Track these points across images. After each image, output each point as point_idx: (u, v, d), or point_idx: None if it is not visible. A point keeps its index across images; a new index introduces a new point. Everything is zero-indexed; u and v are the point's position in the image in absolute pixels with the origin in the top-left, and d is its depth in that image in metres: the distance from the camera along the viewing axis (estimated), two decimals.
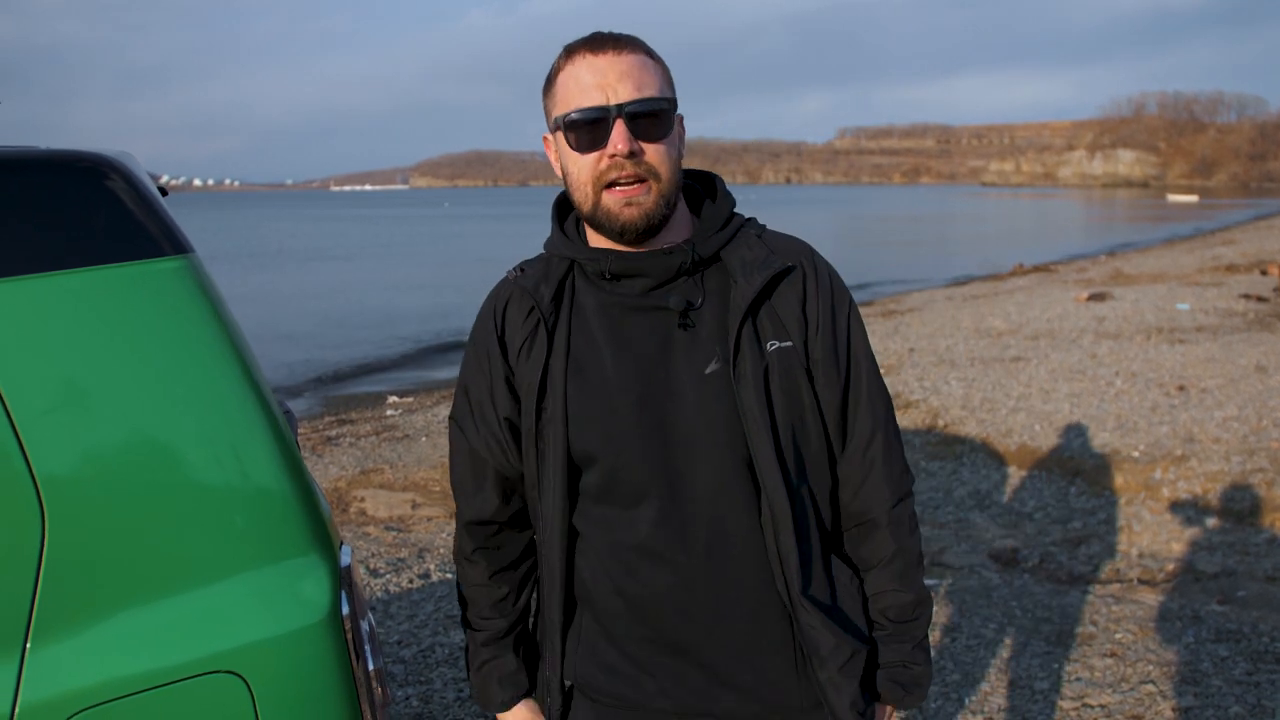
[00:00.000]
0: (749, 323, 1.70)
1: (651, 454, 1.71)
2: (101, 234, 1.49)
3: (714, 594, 1.74)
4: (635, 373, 1.72)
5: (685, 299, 1.72)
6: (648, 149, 1.64)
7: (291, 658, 1.54)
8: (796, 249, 1.80)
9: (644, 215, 1.66)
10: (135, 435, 1.48)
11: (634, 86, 1.63)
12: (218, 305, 1.58)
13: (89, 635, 1.43)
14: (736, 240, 1.75)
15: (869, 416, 1.81)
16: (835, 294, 1.79)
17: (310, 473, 1.70)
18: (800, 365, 1.73)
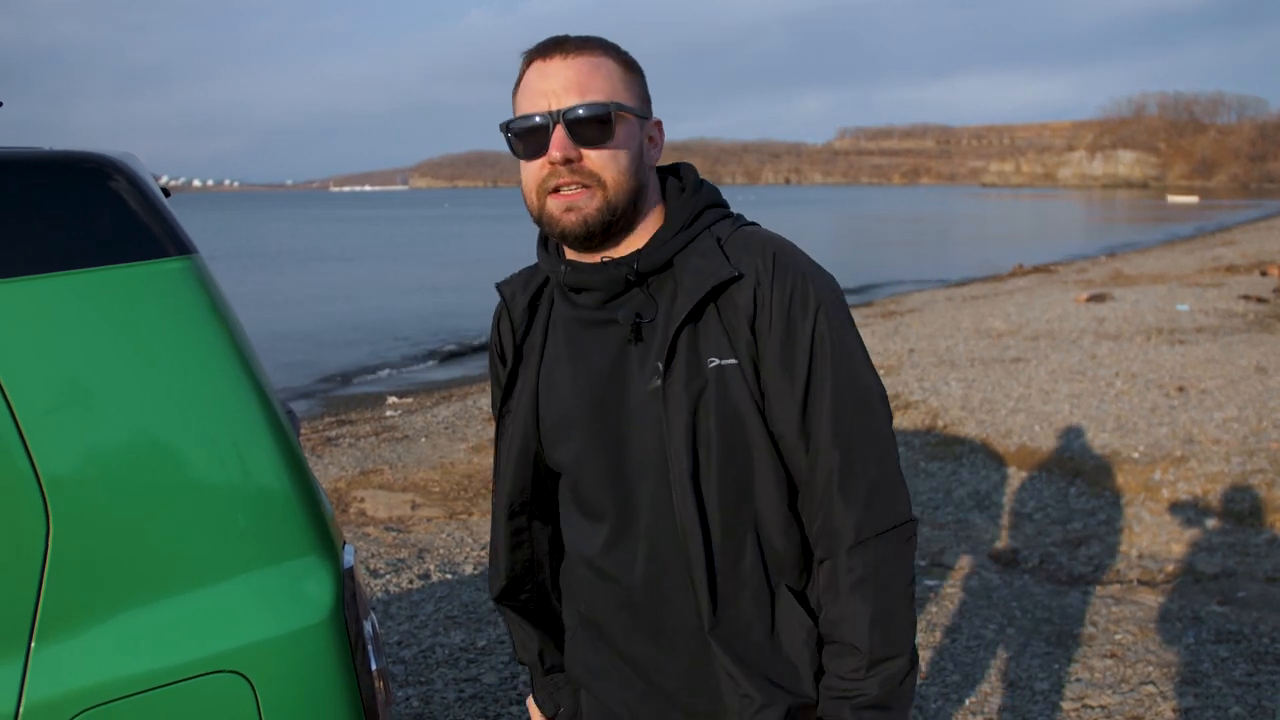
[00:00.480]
0: (688, 338, 1.62)
1: (605, 473, 1.70)
2: (105, 235, 1.49)
3: (657, 621, 1.70)
4: (589, 388, 1.69)
5: (635, 312, 1.66)
6: (590, 155, 1.61)
7: (295, 657, 1.54)
8: (756, 253, 1.64)
9: (582, 221, 1.62)
10: (139, 435, 1.48)
11: (577, 92, 1.60)
12: (221, 306, 1.58)
13: (93, 635, 1.43)
14: (691, 248, 1.67)
15: (831, 438, 1.61)
16: (796, 300, 1.61)
17: (312, 472, 1.70)
18: (744, 384, 1.61)
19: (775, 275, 1.62)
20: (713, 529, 1.63)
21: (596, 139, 1.60)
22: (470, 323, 21.59)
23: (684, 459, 1.60)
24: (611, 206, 1.62)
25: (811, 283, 1.63)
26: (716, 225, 1.70)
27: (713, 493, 1.62)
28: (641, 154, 1.67)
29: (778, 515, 1.65)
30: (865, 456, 1.62)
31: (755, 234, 1.70)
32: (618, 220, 1.64)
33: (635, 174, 1.65)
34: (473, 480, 8.46)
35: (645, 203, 1.69)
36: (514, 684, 4.40)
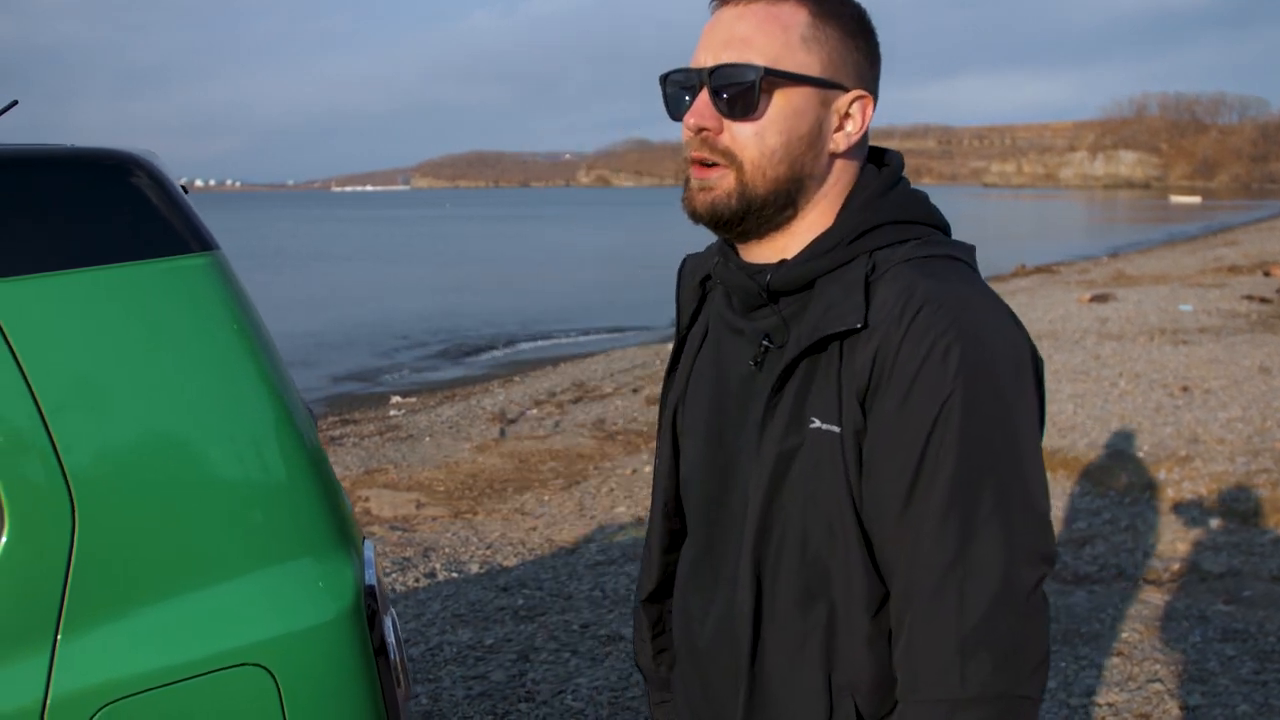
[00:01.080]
0: (799, 384, 1.32)
1: (706, 498, 1.48)
2: (128, 231, 1.50)
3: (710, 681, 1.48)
4: (716, 401, 1.46)
5: (765, 334, 1.38)
6: (731, 128, 1.31)
7: (317, 651, 1.55)
8: (900, 301, 1.25)
9: (709, 205, 1.34)
10: (162, 431, 1.49)
11: (732, 50, 1.30)
12: (243, 303, 1.59)
13: (118, 629, 1.44)
14: (838, 274, 1.32)
15: (928, 558, 1.22)
16: (925, 378, 1.21)
17: (332, 469, 1.71)
18: (841, 461, 1.28)
19: (908, 333, 1.22)
20: (771, 619, 1.35)
21: (738, 110, 1.31)
22: (472, 322, 21.61)
23: (753, 528, 1.33)
24: (747, 195, 1.33)
25: (961, 349, 1.21)
26: (886, 250, 1.32)
27: (780, 575, 1.34)
28: (813, 136, 1.33)
29: (860, 621, 1.31)
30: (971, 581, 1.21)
31: (921, 274, 1.27)
32: (758, 212, 1.34)
33: (790, 160, 1.32)
34: (477, 480, 8.48)
35: (813, 198, 1.36)
36: (522, 682, 4.41)
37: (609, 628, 4.97)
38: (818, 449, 1.29)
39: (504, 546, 6.54)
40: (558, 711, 4.17)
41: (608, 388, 12.50)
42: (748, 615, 1.34)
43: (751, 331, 1.39)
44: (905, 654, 1.25)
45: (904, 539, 1.24)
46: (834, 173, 1.37)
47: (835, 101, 1.34)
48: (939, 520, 1.21)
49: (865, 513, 1.28)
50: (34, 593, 1.40)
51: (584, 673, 4.49)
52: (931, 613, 1.22)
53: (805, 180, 1.35)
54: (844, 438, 1.27)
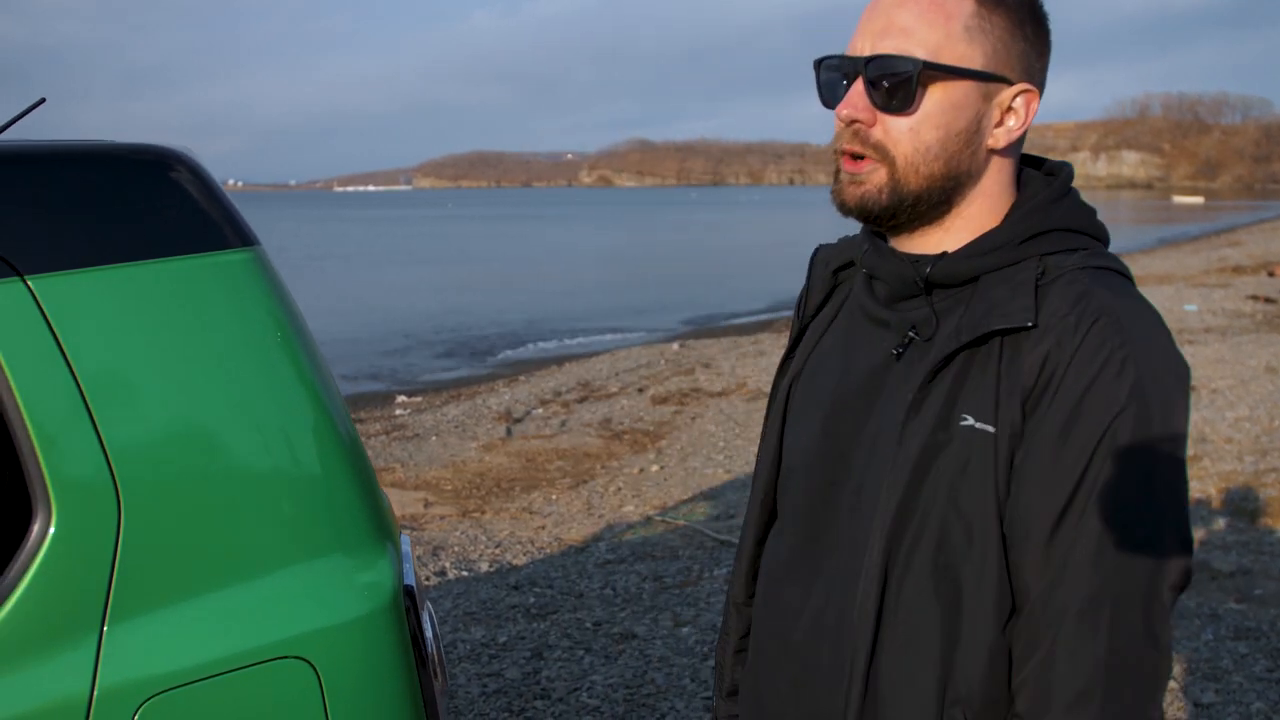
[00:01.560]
0: (951, 379, 1.26)
1: (815, 487, 1.41)
2: (170, 226, 1.51)
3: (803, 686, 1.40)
4: (840, 391, 1.40)
5: (911, 325, 1.33)
6: (885, 122, 1.27)
7: (357, 643, 1.56)
8: (1074, 308, 1.21)
9: (858, 200, 1.30)
10: (206, 424, 1.50)
11: (892, 40, 1.25)
12: (284, 298, 1.60)
13: (163, 620, 1.45)
14: (1005, 273, 1.28)
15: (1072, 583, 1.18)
16: (1101, 386, 1.17)
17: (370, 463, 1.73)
18: (992, 464, 1.22)
19: (1084, 343, 1.19)
20: (891, 622, 1.29)
21: (893, 103, 1.26)
22: (476, 321, 21.62)
23: (886, 523, 1.27)
24: (899, 191, 1.28)
25: (1136, 365, 1.18)
26: (1057, 256, 1.28)
27: (907, 578, 1.27)
28: (971, 131, 1.28)
29: (984, 635, 1.25)
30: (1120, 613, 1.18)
31: (1096, 282, 1.24)
32: (911, 208, 1.30)
33: (945, 157, 1.28)
34: (484, 479, 8.49)
35: (970, 195, 1.32)
36: (537, 679, 4.42)
37: (621, 625, 4.98)
38: (967, 448, 1.24)
39: (513, 545, 6.55)
40: (574, 709, 4.18)
41: (613, 387, 12.51)
42: (871, 612, 1.28)
43: (897, 321, 1.35)
44: (1041, 673, 1.20)
45: (1053, 553, 1.19)
46: (993, 170, 1.32)
47: (998, 95, 1.28)
48: (1095, 538, 1.17)
49: (1009, 519, 1.22)
50: (81, 584, 1.41)
51: (598, 670, 4.50)
52: (1079, 635, 1.18)
53: (961, 177, 1.30)
54: (998, 439, 1.22)
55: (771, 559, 1.51)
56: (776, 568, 1.48)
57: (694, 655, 4.61)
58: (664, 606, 5.21)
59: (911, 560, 1.26)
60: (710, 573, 5.69)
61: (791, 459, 1.48)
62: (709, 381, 12.28)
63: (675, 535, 6.56)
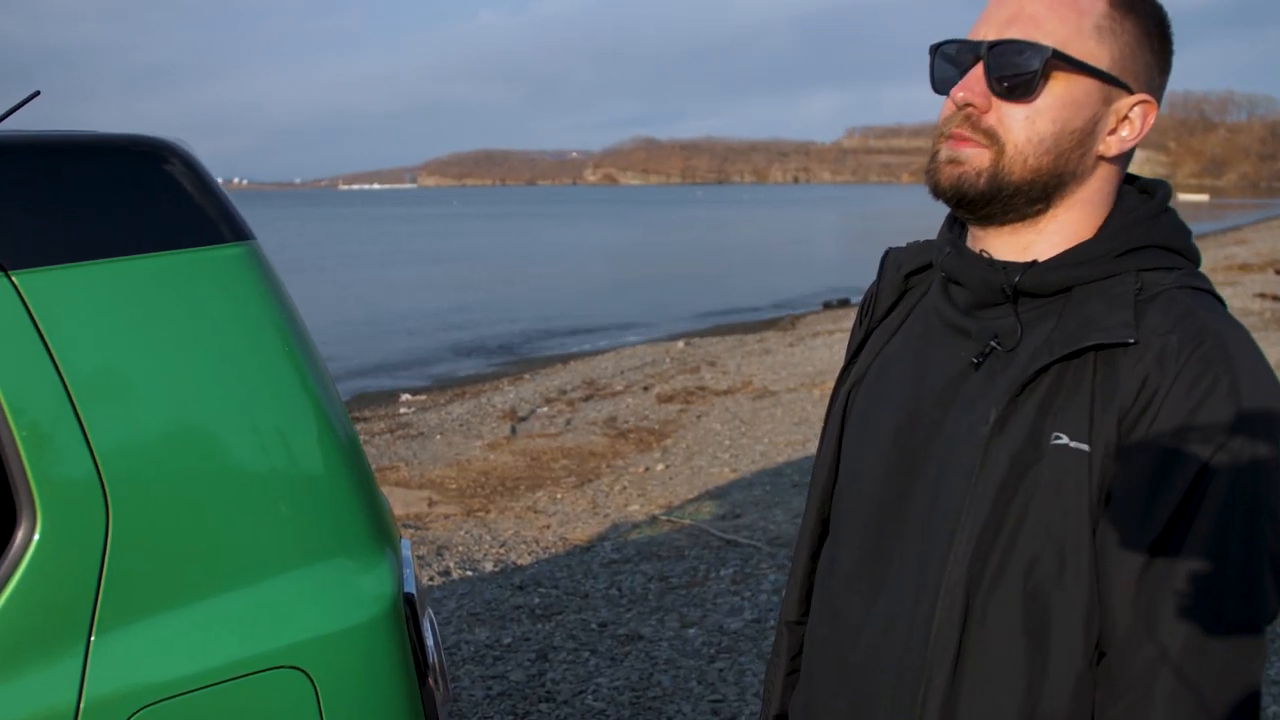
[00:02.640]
0: (1042, 395, 1.19)
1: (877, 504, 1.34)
2: (164, 220, 1.46)
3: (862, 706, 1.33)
4: (908, 399, 1.33)
5: (994, 333, 1.26)
6: (1000, 108, 1.22)
7: (355, 652, 1.51)
8: (1175, 326, 1.16)
9: (957, 178, 1.24)
10: (199, 426, 1.45)
11: (1019, 27, 1.21)
12: (280, 294, 1.55)
13: (153, 629, 1.40)
14: (1100, 285, 1.22)
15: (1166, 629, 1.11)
16: (1204, 411, 1.11)
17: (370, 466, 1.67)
18: (1087, 484, 1.15)
19: (1187, 365, 1.13)
20: (972, 650, 1.21)
21: (1013, 92, 1.21)
22: (481, 319, 21.59)
23: (970, 544, 1.20)
24: (999, 179, 1.23)
25: (1239, 393, 1.12)
26: (1154, 273, 1.23)
27: (991, 604, 1.20)
28: (1085, 132, 1.23)
29: (1071, 667, 1.18)
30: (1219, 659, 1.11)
31: (1195, 304, 1.19)
32: (1008, 199, 1.24)
33: (1056, 152, 1.23)
34: (489, 478, 8.45)
35: (1070, 197, 1.26)
36: (541, 681, 4.37)
37: (627, 627, 4.93)
38: (1060, 468, 1.16)
39: (518, 545, 6.50)
40: (579, 712, 4.13)
41: (618, 385, 12.46)
42: (953, 638, 1.20)
43: (978, 330, 1.28)
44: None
45: (1145, 591, 1.13)
46: (1097, 177, 1.27)
47: (1117, 101, 1.24)
48: (1190, 580, 1.11)
49: (1100, 546, 1.16)
50: (67, 593, 1.36)
51: (604, 672, 4.45)
52: (1171, 692, 1.11)
53: (1066, 177, 1.24)
54: (1093, 458, 1.15)
55: (828, 572, 1.44)
56: (834, 581, 1.41)
57: (700, 657, 4.56)
58: (670, 607, 5.16)
59: (998, 585, 1.19)
60: (716, 573, 5.64)
61: (855, 468, 1.41)
62: (715, 380, 12.23)
63: (681, 535, 6.51)
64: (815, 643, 1.43)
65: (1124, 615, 1.14)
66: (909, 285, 1.45)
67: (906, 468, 1.31)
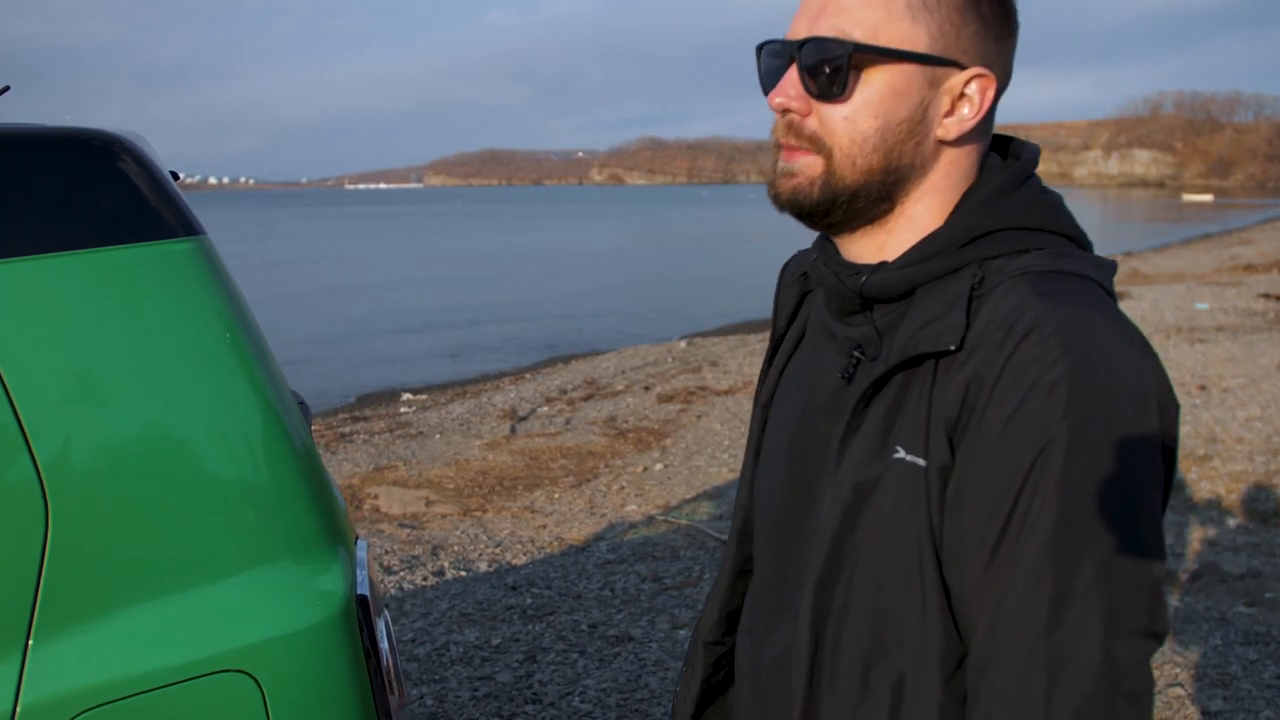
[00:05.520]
0: (888, 405, 1.13)
1: (776, 520, 1.30)
2: (110, 214, 1.43)
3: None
4: (800, 413, 1.28)
5: (857, 344, 1.21)
6: (821, 111, 1.14)
7: (304, 656, 1.48)
8: (1004, 323, 1.06)
9: (789, 193, 1.17)
10: (142, 425, 1.42)
11: (828, 20, 1.13)
12: (229, 290, 1.52)
13: (93, 633, 1.37)
14: (941, 284, 1.14)
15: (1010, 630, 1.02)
16: (1024, 417, 1.02)
17: (324, 465, 1.64)
18: (924, 500, 1.09)
19: (1009, 365, 1.03)
20: (828, 676, 1.15)
21: (826, 91, 1.14)
22: (483, 318, 21.56)
23: (819, 562, 1.15)
24: (833, 186, 1.16)
25: (1072, 382, 1.01)
26: (1002, 260, 1.13)
27: (845, 626, 1.14)
28: (914, 121, 1.15)
29: (931, 690, 1.11)
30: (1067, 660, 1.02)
31: (1036, 292, 1.08)
32: (846, 205, 1.17)
33: (885, 149, 1.15)
34: (487, 477, 8.42)
35: (914, 191, 1.18)
36: (529, 683, 4.34)
37: (618, 628, 4.90)
38: (900, 483, 1.10)
39: (513, 544, 6.47)
40: (565, 714, 4.10)
41: (619, 385, 12.43)
42: (804, 669, 1.15)
43: (845, 339, 1.23)
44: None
45: (986, 600, 1.04)
46: (943, 163, 1.18)
47: (947, 81, 1.14)
48: (1029, 584, 1.01)
49: (945, 561, 1.09)
50: (3, 596, 1.33)
51: (592, 674, 4.42)
52: (1013, 693, 1.03)
53: (904, 171, 1.16)
54: (929, 474, 1.08)
55: (750, 592, 1.39)
56: (751, 600, 1.37)
57: None
58: (662, 608, 5.13)
59: (847, 609, 1.13)
60: (711, 574, 5.61)
61: (763, 486, 1.35)
62: (715, 379, 12.20)
63: (677, 535, 6.48)
64: (740, 658, 1.38)
65: (975, 624, 1.06)
66: (808, 289, 1.39)
67: (803, 484, 1.25)
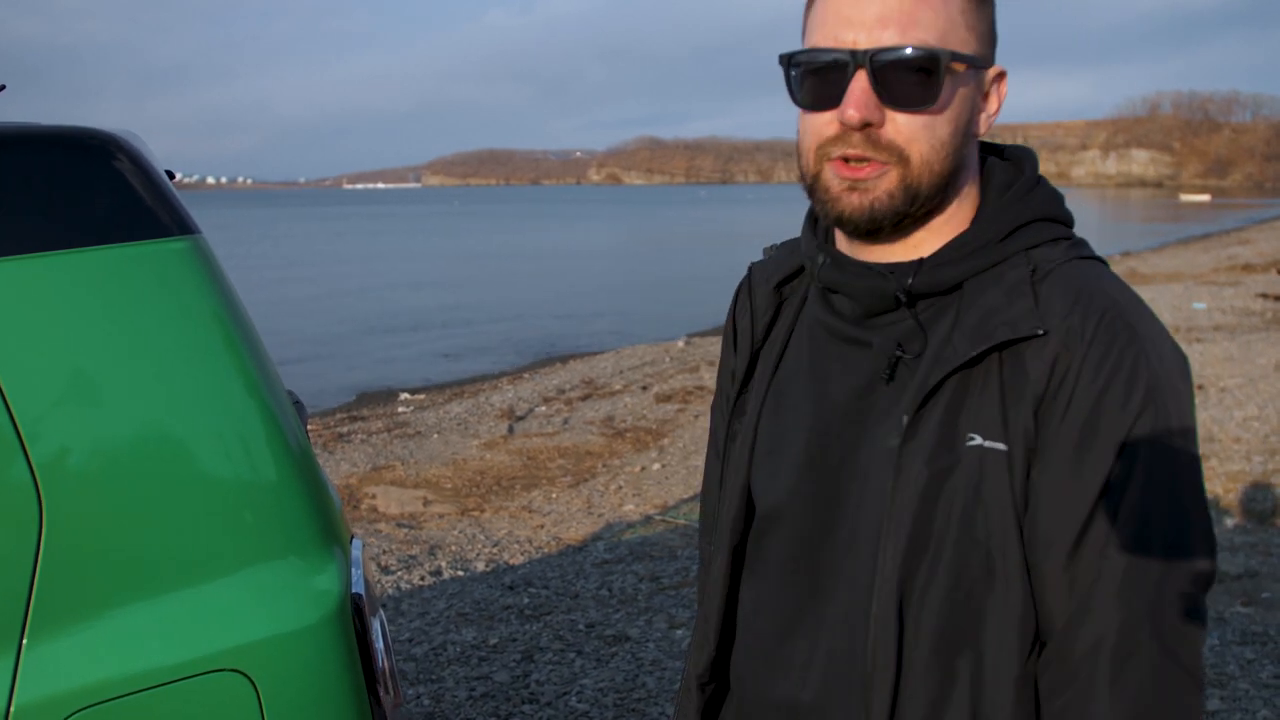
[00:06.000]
0: (950, 397, 1.15)
1: (806, 534, 1.26)
2: (105, 213, 1.42)
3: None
4: (819, 420, 1.26)
5: (896, 342, 1.20)
6: (897, 120, 1.14)
7: (299, 656, 1.47)
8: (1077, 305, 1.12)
9: (868, 208, 1.16)
10: (137, 424, 1.42)
11: (897, 27, 1.11)
12: (224, 289, 1.51)
13: (88, 632, 1.36)
14: (994, 273, 1.18)
15: (1115, 595, 1.08)
16: (1117, 386, 1.09)
17: (320, 465, 1.64)
18: (1008, 482, 1.12)
19: (1094, 342, 1.10)
20: (911, 665, 1.16)
21: (913, 99, 1.13)
22: (482, 318, 21.55)
23: (896, 559, 1.15)
24: (911, 193, 1.16)
25: (1147, 363, 1.10)
26: (1042, 249, 1.19)
27: (924, 616, 1.15)
28: (970, 122, 1.19)
29: (1009, 670, 1.14)
30: (1161, 637, 1.08)
31: (1088, 276, 1.16)
32: (915, 211, 1.18)
33: (955, 152, 1.17)
34: (485, 477, 8.42)
35: (960, 189, 1.21)
36: (525, 683, 4.34)
37: (615, 627, 4.90)
38: (978, 470, 1.12)
39: (511, 544, 6.48)
40: (562, 714, 4.10)
41: (617, 385, 12.43)
42: (891, 662, 1.15)
43: (880, 341, 1.21)
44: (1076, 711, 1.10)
45: (1079, 575, 1.10)
46: (971, 159, 1.22)
47: (984, 81, 1.20)
48: (1124, 558, 1.08)
49: (1029, 539, 1.12)
50: None
51: (589, 673, 4.42)
52: (1113, 673, 1.08)
53: (960, 172, 1.20)
54: (1013, 456, 1.12)
55: (754, 614, 1.34)
56: (767, 624, 1.31)
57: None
58: (659, 608, 5.13)
59: (926, 598, 1.15)
60: None
61: (772, 501, 1.31)
62: (713, 379, 12.19)
63: (675, 534, 6.48)
64: (755, 694, 1.33)
65: (1059, 606, 1.11)
66: (782, 296, 1.38)
67: (828, 494, 1.24)
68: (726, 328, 1.46)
